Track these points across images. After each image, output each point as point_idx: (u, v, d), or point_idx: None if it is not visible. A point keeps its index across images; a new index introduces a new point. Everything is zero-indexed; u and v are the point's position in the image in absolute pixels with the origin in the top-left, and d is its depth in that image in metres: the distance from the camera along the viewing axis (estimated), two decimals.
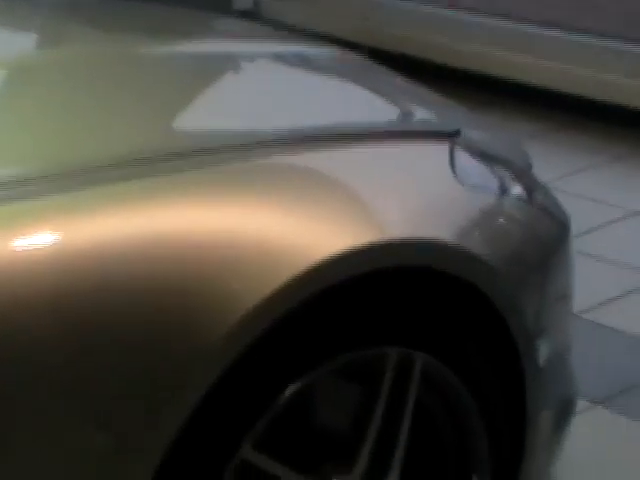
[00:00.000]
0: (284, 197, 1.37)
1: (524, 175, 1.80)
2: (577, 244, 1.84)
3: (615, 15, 3.89)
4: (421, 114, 1.98)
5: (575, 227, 1.85)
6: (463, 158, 1.64)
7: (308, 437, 1.44)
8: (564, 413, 1.79)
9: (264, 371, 1.31)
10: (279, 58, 2.02)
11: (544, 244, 1.74)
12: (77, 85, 1.67)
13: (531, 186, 1.78)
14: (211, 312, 1.23)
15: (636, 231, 3.11)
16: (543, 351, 1.62)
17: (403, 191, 1.53)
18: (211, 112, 1.68)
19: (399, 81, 2.06)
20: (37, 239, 1.21)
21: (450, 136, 1.68)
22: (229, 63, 1.93)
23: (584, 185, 3.27)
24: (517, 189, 1.72)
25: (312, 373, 1.35)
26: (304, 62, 2.05)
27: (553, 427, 1.75)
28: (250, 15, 4.28)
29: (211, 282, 1.24)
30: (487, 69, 3.85)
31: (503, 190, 1.69)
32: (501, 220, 1.69)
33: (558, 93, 3.74)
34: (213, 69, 1.87)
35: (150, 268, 1.23)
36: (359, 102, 1.91)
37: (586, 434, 2.00)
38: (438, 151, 1.66)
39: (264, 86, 1.83)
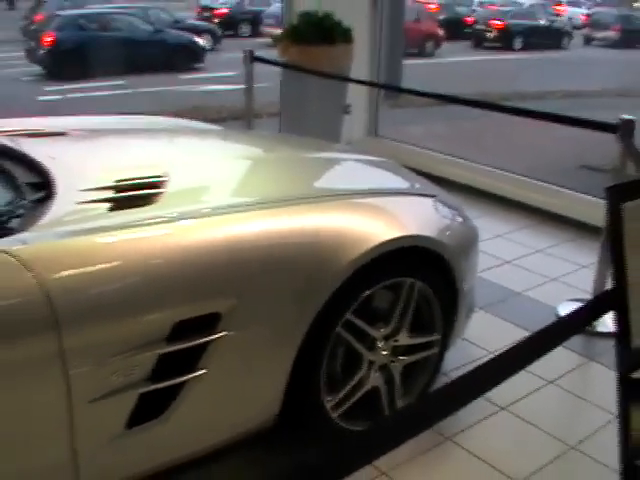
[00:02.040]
0: (363, 216, 2.17)
1: (461, 213, 2.66)
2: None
3: None
4: (422, 186, 2.76)
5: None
6: (439, 205, 2.56)
7: (372, 312, 2.24)
8: (469, 312, 2.67)
9: (357, 284, 2.08)
10: (359, 160, 2.97)
11: (468, 240, 2.58)
12: (279, 167, 2.61)
13: (464, 217, 2.66)
14: (340, 259, 1.99)
15: (502, 244, 4.13)
16: (465, 285, 2.47)
17: (414, 216, 2.39)
18: (331, 181, 2.62)
19: (413, 174, 2.91)
20: (260, 226, 1.93)
21: (433, 196, 2.60)
22: (336, 162, 2.84)
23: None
24: (459, 217, 2.63)
25: (375, 286, 2.16)
26: (371, 163, 2.95)
27: (465, 319, 2.63)
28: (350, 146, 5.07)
29: (339, 248, 1.98)
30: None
31: (454, 218, 2.59)
32: (453, 229, 2.50)
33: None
34: (329, 165, 2.77)
35: (313, 239, 1.97)
36: (393, 179, 2.85)
37: (476, 322, 2.84)
38: (429, 201, 2.56)
39: (352, 172, 2.81)
